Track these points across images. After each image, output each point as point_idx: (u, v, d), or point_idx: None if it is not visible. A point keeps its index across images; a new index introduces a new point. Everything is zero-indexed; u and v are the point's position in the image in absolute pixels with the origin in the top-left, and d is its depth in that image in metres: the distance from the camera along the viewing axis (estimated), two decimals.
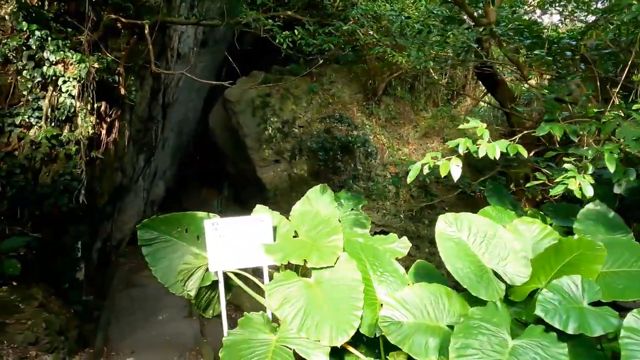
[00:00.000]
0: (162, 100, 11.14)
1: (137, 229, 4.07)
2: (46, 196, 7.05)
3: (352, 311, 2.91)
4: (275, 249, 3.49)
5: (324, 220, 3.64)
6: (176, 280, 3.88)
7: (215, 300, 4.11)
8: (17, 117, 7.04)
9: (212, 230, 3.93)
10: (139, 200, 12.61)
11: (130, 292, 10.47)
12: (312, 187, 4.60)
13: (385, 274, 3.46)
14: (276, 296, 3.07)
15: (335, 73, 15.71)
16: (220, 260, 3.94)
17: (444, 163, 3.35)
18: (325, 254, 3.26)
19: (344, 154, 13.89)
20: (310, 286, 3.14)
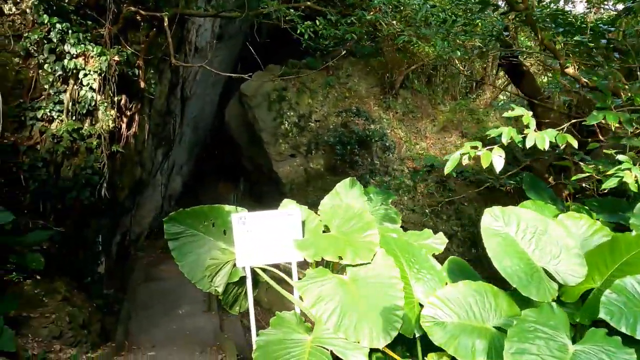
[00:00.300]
0: (180, 94, 11.05)
1: (164, 222, 3.94)
2: (68, 190, 7.00)
3: (393, 311, 2.74)
4: (306, 244, 3.33)
5: (356, 214, 3.47)
6: (203, 276, 3.75)
7: (242, 296, 3.97)
8: (39, 110, 6.99)
9: (240, 224, 3.79)
10: (157, 194, 12.58)
11: (149, 286, 10.45)
12: (341, 181, 4.43)
13: (422, 271, 3.28)
14: (310, 294, 2.91)
15: (351, 66, 15.46)
16: (248, 255, 3.80)
17: (485, 153, 3.13)
18: (360, 250, 3.09)
19: (361, 148, 13.68)
20: (346, 284, 2.98)
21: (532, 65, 8.86)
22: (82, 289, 7.18)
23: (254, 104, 14.50)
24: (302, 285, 2.99)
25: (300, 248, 3.34)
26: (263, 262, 3.84)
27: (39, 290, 5.90)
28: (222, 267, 3.74)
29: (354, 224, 3.39)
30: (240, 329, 9.04)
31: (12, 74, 7.12)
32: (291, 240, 3.81)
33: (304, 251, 3.25)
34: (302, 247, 3.32)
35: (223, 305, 3.91)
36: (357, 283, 2.99)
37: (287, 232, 3.84)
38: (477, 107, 15.71)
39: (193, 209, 3.97)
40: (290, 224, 3.83)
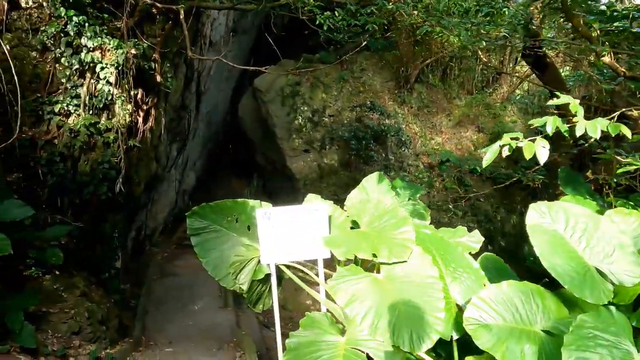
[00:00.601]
0: (195, 89, 10.94)
1: (187, 217, 3.81)
2: (85, 185, 6.92)
3: (433, 313, 2.57)
4: (337, 241, 3.16)
5: (388, 210, 3.29)
6: (227, 273, 3.61)
7: (266, 294, 3.83)
8: (56, 105, 6.91)
9: (264, 220, 3.64)
10: (172, 190, 12.52)
11: (165, 281, 10.40)
12: (368, 175, 4.26)
13: (459, 269, 3.10)
14: (343, 293, 2.75)
15: (365, 60, 15.21)
16: (273, 252, 3.65)
17: (528, 144, 2.92)
18: (395, 247, 2.91)
19: (376, 143, 13.47)
20: (381, 283, 2.81)
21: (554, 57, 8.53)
22: (99, 284, 7.11)
23: (268, 98, 14.35)
24: (335, 284, 2.82)
25: (330, 245, 3.17)
26: (288, 259, 3.69)
27: (58, 285, 5.83)
28: (246, 264, 3.60)
29: (386, 220, 3.21)
30: (256, 324, 8.94)
31: (30, 68, 7.04)
32: (317, 237, 3.65)
33: (334, 248, 3.08)
34: (332, 244, 3.16)
35: (247, 303, 3.77)
36: (393, 282, 2.82)
37: (313, 228, 3.68)
38: (494, 101, 15.38)
39: (217, 203, 3.82)
40: (317, 219, 3.67)
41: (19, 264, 5.56)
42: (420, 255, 2.88)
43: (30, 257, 5.57)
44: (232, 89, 16.87)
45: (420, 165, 14.18)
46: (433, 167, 14.44)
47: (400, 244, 2.94)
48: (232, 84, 16.68)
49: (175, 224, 13.54)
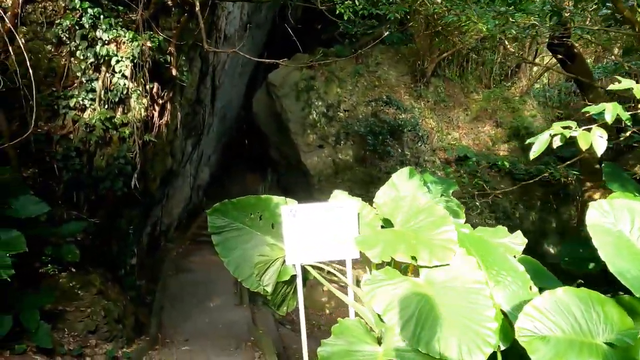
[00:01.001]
0: (210, 83, 10.74)
1: (208, 215, 3.59)
2: (101, 180, 6.76)
3: (483, 323, 2.31)
4: (370, 241, 2.91)
5: (424, 208, 3.02)
6: (251, 274, 3.39)
7: (290, 296, 3.60)
8: (72, 99, 6.75)
9: (290, 217, 3.41)
10: (186, 185, 12.38)
11: (180, 278, 10.27)
12: (398, 171, 3.99)
13: (502, 273, 2.84)
14: (380, 298, 2.51)
15: (381, 54, 14.86)
16: (298, 251, 3.43)
17: (582, 134, 2.62)
18: (436, 249, 2.65)
19: (392, 139, 13.16)
20: (421, 288, 2.55)
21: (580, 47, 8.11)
22: (115, 281, 6.98)
23: (282, 93, 14.10)
24: (370, 288, 2.58)
25: (362, 245, 2.92)
26: (314, 260, 3.46)
27: (74, 283, 5.68)
28: (270, 265, 3.37)
29: (423, 219, 2.95)
30: (272, 322, 8.75)
31: (45, 62, 6.89)
32: (346, 236, 3.41)
33: (367, 249, 2.84)
34: (364, 245, 2.91)
35: (271, 305, 3.55)
36: (435, 288, 2.56)
37: (341, 226, 3.44)
38: (513, 95, 14.93)
39: (239, 200, 3.60)
40: (345, 217, 3.43)
41: (35, 261, 5.43)
42: (463, 258, 2.61)
43: (46, 254, 5.42)
44: (246, 84, 16.66)
45: (437, 161, 13.84)
46: (450, 163, 14.07)
47: (441, 245, 2.67)
48: (246, 80, 16.47)
49: (189, 219, 13.43)
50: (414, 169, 3.97)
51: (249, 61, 16.36)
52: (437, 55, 13.95)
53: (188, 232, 12.81)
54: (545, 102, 14.77)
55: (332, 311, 11.81)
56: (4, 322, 4.28)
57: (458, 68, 15.29)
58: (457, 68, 15.29)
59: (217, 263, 11.48)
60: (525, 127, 13.99)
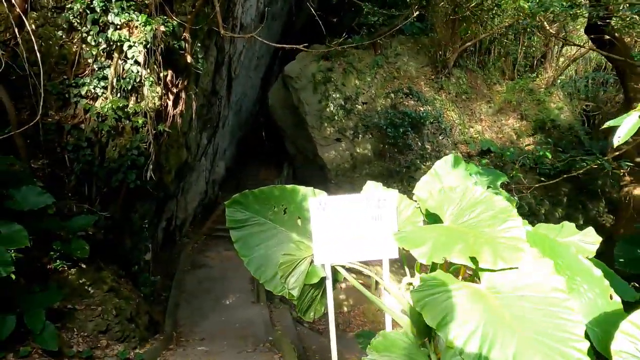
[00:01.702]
0: (225, 74, 10.32)
1: (226, 207, 3.14)
2: (114, 172, 6.40)
3: (570, 343, 1.82)
4: (416, 239, 2.43)
5: (481, 200, 2.52)
6: (274, 276, 2.94)
7: (318, 300, 3.14)
8: (83, 87, 6.38)
9: (319, 211, 2.95)
10: (202, 179, 12.02)
11: (196, 273, 9.92)
12: (441, 159, 3.48)
13: (576, 278, 2.34)
14: (433, 308, 2.04)
15: (400, 45, 14.25)
16: (329, 250, 2.96)
17: None
18: (502, 249, 2.16)
19: (412, 132, 12.60)
20: (484, 297, 2.07)
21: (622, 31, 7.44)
22: (129, 277, 6.62)
23: (299, 85, 13.62)
24: (421, 296, 2.11)
25: (406, 243, 2.44)
26: (347, 260, 3.00)
27: (84, 279, 5.32)
28: (297, 265, 2.93)
29: (480, 213, 2.45)
30: (290, 320, 8.34)
31: (56, 49, 6.53)
32: (384, 233, 2.94)
33: (412, 248, 2.36)
34: (409, 243, 2.42)
35: (297, 312, 3.10)
36: (502, 297, 2.08)
37: (378, 221, 2.97)
38: (538, 86, 14.19)
39: (261, 190, 3.14)
40: (382, 211, 2.96)
41: (43, 257, 5.07)
42: (536, 260, 2.11)
43: (55, 249, 5.05)
44: (261, 78, 16.24)
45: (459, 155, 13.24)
46: (472, 157, 13.46)
47: (507, 244, 2.17)
48: (261, 73, 16.05)
49: (205, 214, 13.09)
50: (459, 157, 3.47)
51: (265, 53, 15.97)
52: (459, 45, 13.30)
53: (203, 227, 12.47)
54: (572, 94, 14.00)
55: (350, 309, 11.35)
56: (6, 322, 3.92)
57: (480, 59, 14.61)
58: (479, 59, 14.61)
59: (233, 258, 11.09)
60: (551, 120, 13.29)
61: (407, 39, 14.35)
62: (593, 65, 15.53)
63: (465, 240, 2.30)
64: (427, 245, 2.37)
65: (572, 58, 13.72)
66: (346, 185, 13.29)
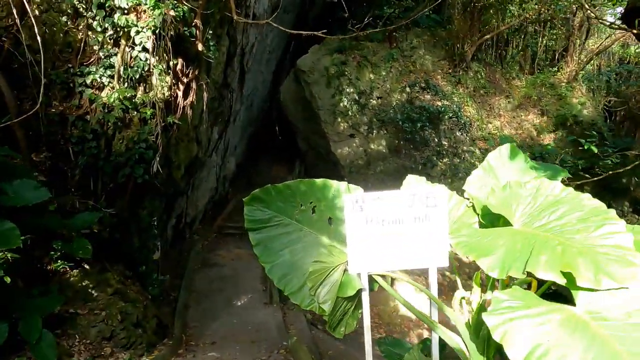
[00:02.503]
0: (238, 66, 9.83)
1: (245, 204, 2.65)
2: (121, 166, 5.94)
3: None
4: (482, 246, 1.92)
5: (564, 198, 1.99)
6: (301, 286, 2.45)
7: (350, 314, 2.65)
8: (89, 76, 5.93)
9: (356, 211, 2.45)
10: (212, 175, 11.56)
11: (206, 273, 9.46)
12: (495, 149, 2.95)
13: None
14: (518, 338, 1.53)
15: (416, 38, 13.66)
16: (366, 257, 2.46)
17: None
18: (605, 262, 1.64)
19: (429, 127, 12.04)
20: (585, 325, 1.56)
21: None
22: (136, 278, 6.17)
23: (311, 80, 13.10)
24: (500, 321, 1.61)
25: (471, 251, 1.92)
26: (387, 268, 2.49)
27: (87, 282, 4.87)
28: (328, 274, 2.43)
29: (564, 214, 1.92)
30: (305, 324, 7.84)
31: (60, 36, 6.09)
32: (433, 237, 2.43)
33: (478, 257, 1.84)
34: (474, 251, 1.90)
35: (328, 328, 2.60)
36: (610, 325, 1.56)
37: (425, 222, 2.47)
38: (559, 81, 13.52)
39: (287, 185, 2.63)
40: (430, 210, 2.45)
41: (43, 257, 4.62)
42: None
43: (55, 249, 4.60)
44: (273, 72, 15.74)
45: (477, 152, 12.64)
46: None
47: (612, 255, 1.66)
48: (273, 67, 15.54)
49: (215, 211, 12.64)
50: (515, 147, 2.93)
51: (276, 48, 15.47)
52: (478, 38, 12.69)
53: (214, 224, 12.02)
54: (595, 89, 13.31)
55: None
56: None
57: (499, 52, 13.98)
58: (497, 52, 13.99)
59: (244, 257, 10.58)
60: (573, 116, 12.64)
61: (423, 31, 13.77)
62: (616, 59, 14.80)
63: (550, 249, 1.78)
64: (498, 255, 1.86)
65: (596, 51, 13.03)
66: (360, 183, 12.76)
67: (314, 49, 13.61)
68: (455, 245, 2.09)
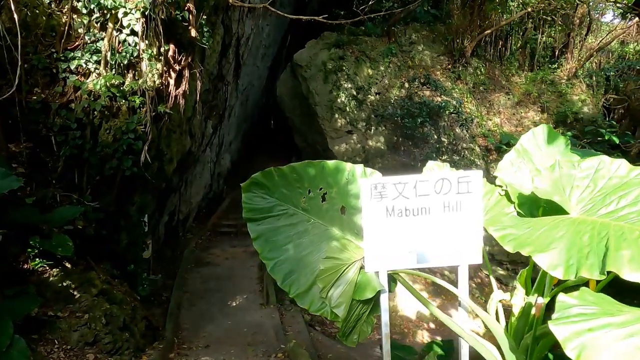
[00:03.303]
0: (232, 57, 9.40)
1: (243, 190, 2.23)
2: (108, 158, 5.50)
3: None
4: (534, 240, 1.54)
5: (632, 181, 1.63)
6: (309, 287, 2.04)
7: (364, 319, 2.26)
8: (73, 61, 5.49)
9: (374, 197, 2.05)
10: (206, 172, 11.11)
11: (200, 272, 9.02)
12: (529, 131, 2.57)
13: None
14: (601, 353, 1.17)
15: (415, 33, 13.31)
16: (387, 253, 2.07)
17: None
18: None
19: (428, 124, 11.69)
20: None
21: None
22: (124, 277, 5.73)
23: (308, 75, 12.70)
24: (573, 332, 1.22)
25: (523, 246, 1.53)
26: (410, 265, 2.10)
27: (68, 282, 4.42)
28: (342, 273, 2.03)
29: (638, 199, 1.56)
30: (303, 325, 7.43)
31: (43, 19, 5.63)
32: (463, 228, 2.05)
33: (535, 253, 1.46)
34: (527, 245, 1.52)
35: (340, 336, 2.19)
36: None
37: (456, 212, 2.08)
38: (560, 78, 13.25)
39: (292, 167, 2.20)
40: (463, 198, 2.06)
41: (19, 255, 4.18)
42: None
43: (33, 246, 4.16)
44: (268, 68, 15.32)
45: (477, 149, 12.31)
46: (490, 151, 12.58)
47: None
48: (268, 62, 15.12)
49: (209, 208, 12.20)
50: (552, 129, 2.56)
51: (272, 43, 15.04)
52: (478, 33, 12.37)
53: (208, 222, 11.58)
54: (595, 86, 13.06)
55: None
56: None
57: (498, 48, 13.68)
58: (497, 49, 13.68)
59: (239, 256, 10.11)
60: (573, 113, 12.37)
61: (422, 26, 13.42)
62: (615, 56, 14.58)
63: (632, 242, 1.40)
64: (559, 250, 1.47)
65: (596, 48, 12.77)
66: None
67: (311, 43, 13.22)
68: (501, 239, 1.70)
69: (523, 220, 1.93)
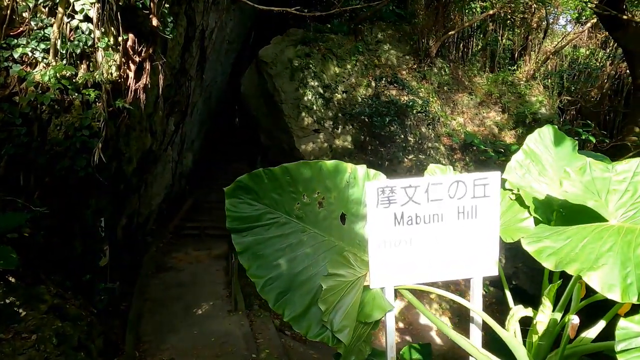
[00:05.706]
0: (196, 51, 8.86)
1: (227, 196, 1.85)
2: (58, 157, 4.91)
3: None
4: (583, 257, 1.32)
5: None
6: (306, 309, 1.74)
7: (364, 338, 1.98)
8: (17, 49, 4.85)
9: (381, 203, 1.78)
10: (168, 172, 10.46)
11: (161, 278, 8.44)
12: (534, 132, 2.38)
13: None
14: None
15: (381, 32, 13.25)
16: (394, 266, 1.80)
17: None
18: None
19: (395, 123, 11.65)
20: None
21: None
22: (78, 290, 5.14)
23: (274, 72, 12.29)
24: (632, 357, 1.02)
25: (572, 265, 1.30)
26: (420, 280, 1.85)
27: (12, 298, 3.85)
28: (346, 292, 1.75)
29: None
30: (274, 332, 7.09)
31: None
32: (479, 237, 1.82)
33: (585, 272, 1.24)
34: (576, 263, 1.29)
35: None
36: None
37: (470, 220, 1.85)
38: (519, 79, 13.66)
39: (285, 167, 1.85)
40: (479, 202, 1.83)
41: None
42: None
43: None
44: (232, 64, 14.74)
45: (442, 148, 12.44)
46: (454, 150, 12.75)
47: None
48: (232, 58, 14.55)
49: (171, 210, 11.52)
50: (558, 129, 2.40)
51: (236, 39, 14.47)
52: (442, 34, 12.49)
53: (170, 225, 10.93)
54: (552, 87, 13.58)
55: None
56: None
57: (462, 49, 13.91)
58: (460, 49, 13.91)
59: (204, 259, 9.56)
60: (532, 114, 12.77)
61: (387, 25, 13.38)
62: (568, 60, 15.24)
63: None
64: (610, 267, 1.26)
65: (552, 51, 13.25)
66: None
67: (277, 39, 12.82)
68: (536, 254, 1.47)
69: (557, 230, 1.72)
